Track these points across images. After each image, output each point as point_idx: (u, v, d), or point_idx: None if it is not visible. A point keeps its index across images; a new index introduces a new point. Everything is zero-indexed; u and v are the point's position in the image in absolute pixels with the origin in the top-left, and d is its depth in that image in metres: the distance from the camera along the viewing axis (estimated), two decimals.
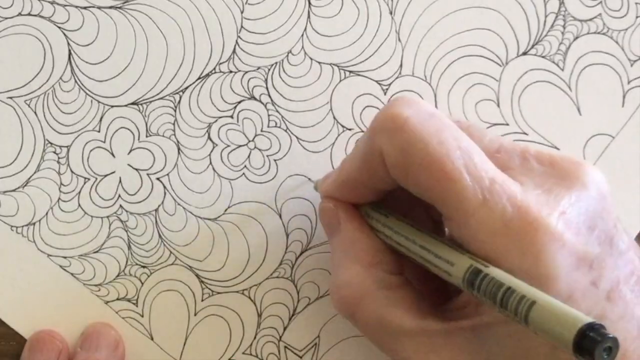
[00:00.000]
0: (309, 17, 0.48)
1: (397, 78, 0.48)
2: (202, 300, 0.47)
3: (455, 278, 0.37)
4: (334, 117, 0.48)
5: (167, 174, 0.47)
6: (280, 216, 0.48)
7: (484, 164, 0.37)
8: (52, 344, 0.45)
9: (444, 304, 0.40)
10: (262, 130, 0.47)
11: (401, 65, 0.48)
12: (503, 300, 0.34)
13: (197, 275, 0.47)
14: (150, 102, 0.47)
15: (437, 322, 0.38)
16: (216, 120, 0.47)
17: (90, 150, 0.47)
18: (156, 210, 0.47)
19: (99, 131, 0.47)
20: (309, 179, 0.47)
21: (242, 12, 0.47)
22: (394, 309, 0.39)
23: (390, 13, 0.48)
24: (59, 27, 0.46)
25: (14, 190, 0.46)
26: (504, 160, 0.39)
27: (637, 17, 0.49)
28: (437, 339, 0.37)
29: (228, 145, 0.47)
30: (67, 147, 0.47)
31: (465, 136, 0.38)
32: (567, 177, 0.37)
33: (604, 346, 0.30)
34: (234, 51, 0.47)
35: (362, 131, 0.48)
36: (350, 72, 0.48)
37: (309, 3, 0.48)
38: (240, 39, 0.47)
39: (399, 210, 0.42)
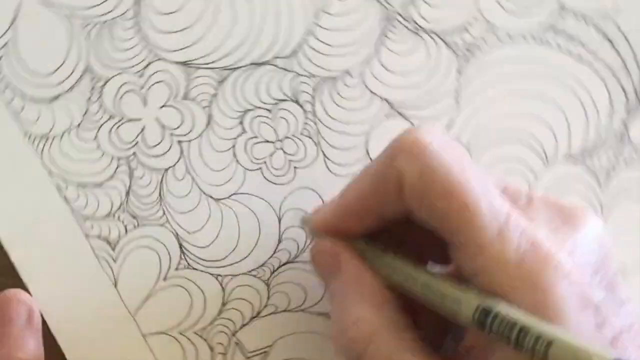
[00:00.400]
0: (379, 46, 0.47)
1: None
2: (176, 269, 0.47)
3: (464, 318, 0.36)
4: (367, 150, 0.47)
5: (189, 141, 0.47)
6: (279, 221, 0.47)
7: (500, 197, 0.37)
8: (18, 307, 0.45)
9: (451, 344, 0.40)
10: (293, 135, 0.47)
11: (451, 127, 0.47)
12: (518, 340, 0.33)
13: (181, 245, 0.47)
14: (199, 68, 0.47)
15: None
16: (253, 109, 0.47)
17: (126, 91, 0.47)
18: (166, 170, 0.47)
19: (141, 76, 0.47)
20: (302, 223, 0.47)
21: (316, 18, 0.47)
22: (404, 352, 0.38)
23: (458, 72, 0.47)
24: None
25: (41, 100, 0.47)
26: (511, 199, 0.38)
27: None
28: None
29: (256, 137, 0.47)
30: (105, 79, 0.47)
31: (481, 168, 0.38)
32: (572, 220, 0.38)
33: None
34: (295, 51, 0.47)
35: None
36: (399, 112, 0.47)
37: (385, 35, 0.47)
38: (306, 42, 0.47)
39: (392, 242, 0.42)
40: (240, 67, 0.47)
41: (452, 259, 0.38)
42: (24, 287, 0.47)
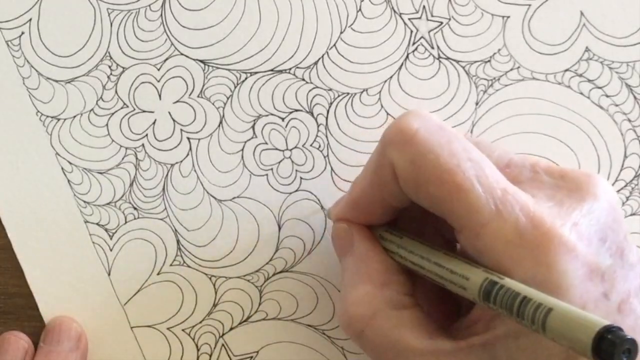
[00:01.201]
0: (400, 68, 0.47)
1: None
2: (171, 265, 0.47)
3: (470, 292, 0.36)
4: None
5: (199, 139, 0.47)
6: (279, 228, 0.47)
7: (495, 174, 0.37)
8: (17, 344, 0.46)
9: (454, 323, 0.40)
10: (303, 146, 0.47)
11: None
12: (520, 309, 0.33)
13: (178, 241, 0.47)
14: (218, 67, 0.47)
15: (447, 342, 0.38)
16: (267, 116, 0.47)
17: (142, 83, 0.47)
18: (172, 165, 0.47)
19: (159, 69, 0.47)
20: (322, 207, 0.47)
21: (341, 33, 0.46)
22: (404, 329, 0.39)
23: (476, 104, 0.47)
24: None
25: (57, 81, 0.46)
26: (515, 174, 0.39)
27: None
28: (448, 358, 0.37)
29: (265, 143, 0.47)
30: (123, 68, 0.46)
31: (475, 148, 0.38)
32: (578, 190, 0.37)
33: (623, 348, 0.30)
34: (315, 63, 0.47)
35: None
36: None
37: (407, 58, 0.47)
38: (328, 55, 0.47)
39: (411, 230, 0.42)
40: (259, 72, 0.47)
41: (458, 242, 0.38)
42: (18, 267, 0.47)
